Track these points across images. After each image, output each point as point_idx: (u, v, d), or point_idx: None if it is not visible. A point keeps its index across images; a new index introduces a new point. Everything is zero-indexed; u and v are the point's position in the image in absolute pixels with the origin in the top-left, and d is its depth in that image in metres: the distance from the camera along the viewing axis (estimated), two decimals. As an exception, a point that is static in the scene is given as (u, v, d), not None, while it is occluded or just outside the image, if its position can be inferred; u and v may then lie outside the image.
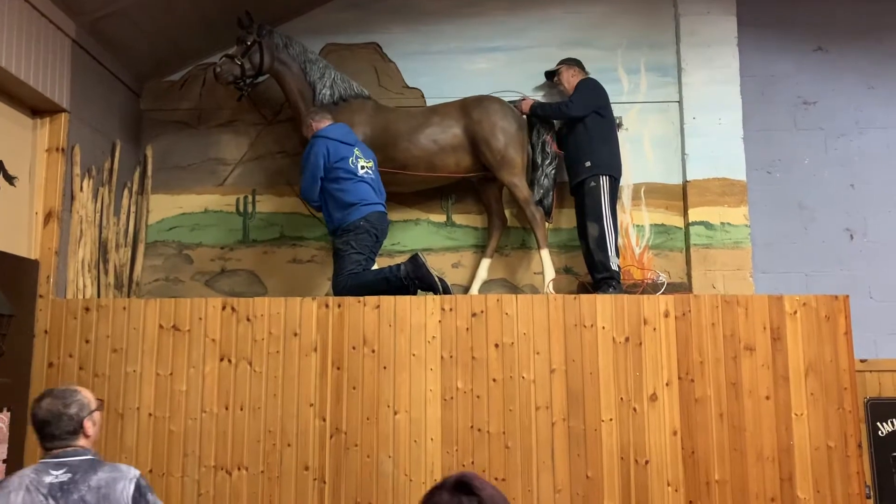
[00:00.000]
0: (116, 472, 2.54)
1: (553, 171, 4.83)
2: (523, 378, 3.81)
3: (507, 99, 4.87)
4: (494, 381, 3.81)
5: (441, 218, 5.06)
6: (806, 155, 5.18)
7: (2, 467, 3.62)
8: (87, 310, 3.93)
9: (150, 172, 5.03)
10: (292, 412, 3.78)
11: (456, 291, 4.55)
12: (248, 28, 4.65)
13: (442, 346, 3.84)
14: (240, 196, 5.08)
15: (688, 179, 4.95)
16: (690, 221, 4.90)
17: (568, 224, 4.92)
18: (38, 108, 4.13)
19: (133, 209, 4.88)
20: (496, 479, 3.71)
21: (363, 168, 4.29)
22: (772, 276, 4.99)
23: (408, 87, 5.17)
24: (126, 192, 4.85)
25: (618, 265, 4.51)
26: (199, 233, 5.04)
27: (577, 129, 4.70)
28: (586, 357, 3.82)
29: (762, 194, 5.09)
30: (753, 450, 3.73)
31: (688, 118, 5.01)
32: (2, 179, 3.87)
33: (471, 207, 5.06)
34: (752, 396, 3.77)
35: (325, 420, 3.78)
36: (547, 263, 4.62)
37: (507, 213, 4.96)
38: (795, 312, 3.86)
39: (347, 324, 3.87)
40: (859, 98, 5.23)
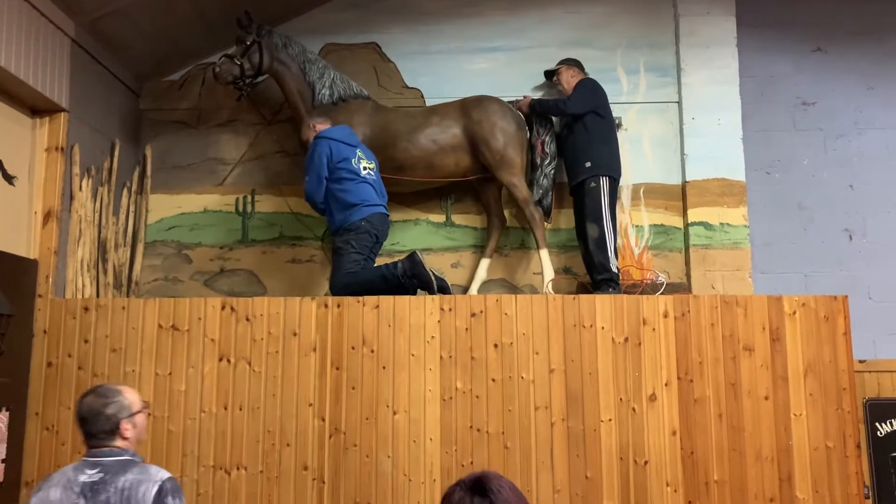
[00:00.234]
0: (144, 474, 2.51)
1: (552, 172, 4.83)
2: (522, 378, 3.81)
3: (506, 99, 4.87)
4: (494, 381, 3.81)
5: (440, 218, 5.06)
6: (805, 155, 5.19)
7: (1, 467, 3.62)
8: (87, 309, 3.93)
9: (149, 172, 5.03)
10: (291, 412, 3.78)
11: (455, 291, 4.55)
12: (248, 28, 4.65)
13: (441, 347, 3.84)
14: (239, 196, 5.08)
15: (687, 180, 4.95)
16: (690, 222, 4.90)
17: (567, 224, 4.92)
18: (37, 108, 4.13)
19: (132, 209, 4.88)
20: (495, 479, 3.70)
21: (365, 169, 4.29)
22: (771, 277, 5.00)
23: (407, 87, 5.17)
24: (125, 191, 4.85)
25: (617, 266, 4.51)
26: (198, 232, 5.04)
27: (576, 129, 4.70)
28: (585, 357, 3.83)
29: (761, 195, 5.09)
30: (752, 450, 3.73)
31: (687, 118, 5.02)
32: (1, 179, 3.87)
33: (470, 207, 5.06)
34: (752, 397, 3.78)
35: (324, 420, 3.78)
36: (546, 264, 4.62)
37: (506, 213, 4.96)
38: (794, 313, 3.87)
39: (347, 324, 3.87)
40: (858, 99, 5.23)
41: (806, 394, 3.78)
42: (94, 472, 2.52)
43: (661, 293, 4.23)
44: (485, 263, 4.84)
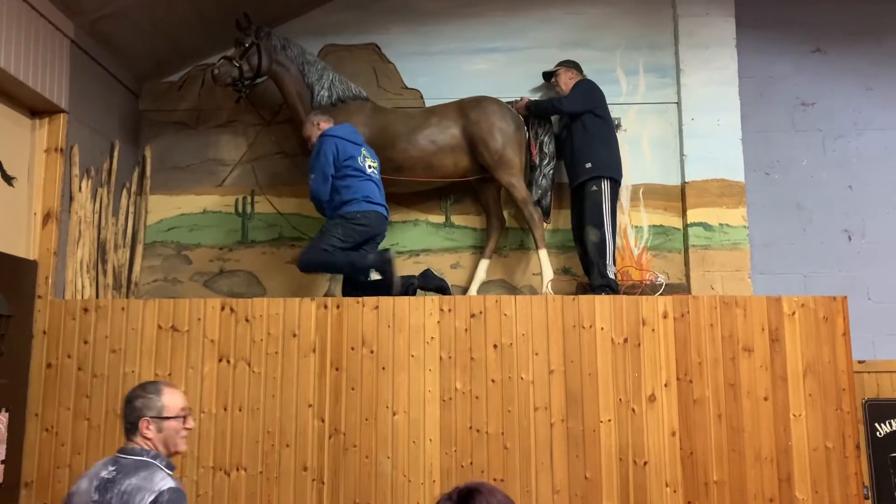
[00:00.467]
0: (148, 481, 2.42)
1: (551, 172, 4.83)
2: (522, 379, 3.81)
3: (505, 100, 4.87)
4: (493, 381, 3.81)
5: (440, 219, 5.07)
6: (804, 156, 5.19)
7: (0, 468, 3.62)
8: (86, 310, 3.93)
9: (148, 173, 5.03)
10: (291, 413, 3.79)
11: (455, 292, 4.55)
12: (247, 30, 4.65)
13: (441, 347, 3.85)
14: (238, 197, 5.08)
15: (686, 180, 4.96)
16: (689, 222, 4.90)
17: (566, 225, 4.92)
18: (36, 109, 4.13)
19: (132, 210, 4.88)
20: (494, 479, 3.71)
21: (370, 167, 4.33)
22: (770, 278, 5.00)
23: (407, 88, 5.17)
24: (125, 192, 4.85)
25: (615, 273, 4.51)
26: (197, 233, 5.04)
27: (575, 130, 4.70)
28: (585, 358, 3.83)
29: (761, 195, 5.10)
30: (752, 450, 3.73)
31: (686, 119, 5.02)
32: (0, 180, 3.87)
33: (469, 208, 5.07)
34: (751, 397, 3.78)
35: (323, 421, 3.78)
36: (545, 264, 4.62)
37: (505, 213, 4.96)
38: (794, 313, 3.87)
39: (346, 324, 3.87)
40: (857, 99, 5.24)
41: (805, 394, 3.79)
42: (113, 468, 2.48)
43: (661, 294, 4.23)
44: (484, 264, 4.84)
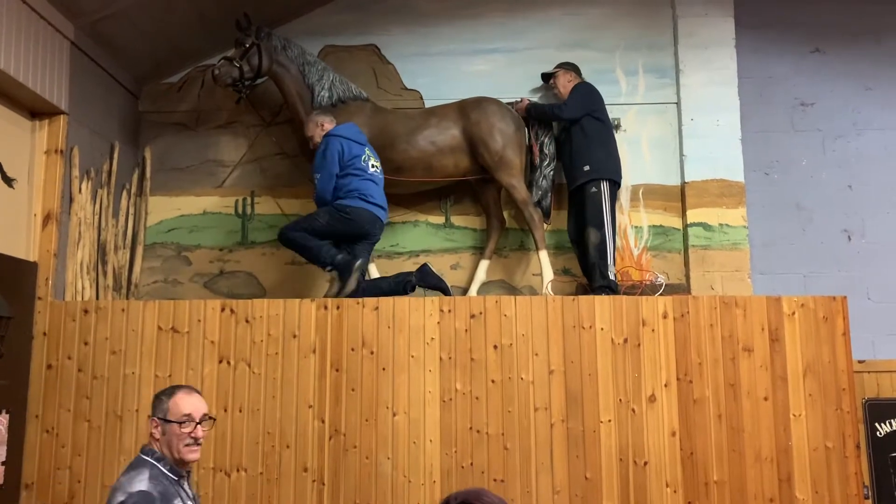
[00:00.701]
0: (128, 483, 2.43)
1: (551, 173, 4.84)
2: (522, 379, 3.82)
3: (504, 101, 4.88)
4: (493, 382, 3.81)
5: (440, 219, 5.07)
6: (804, 156, 5.19)
7: (0, 469, 3.62)
8: (86, 312, 3.93)
9: (148, 174, 5.03)
10: (291, 414, 3.79)
11: (455, 293, 4.55)
12: (247, 31, 4.65)
13: (441, 348, 3.85)
14: (238, 198, 5.08)
15: (686, 181, 4.96)
16: (689, 223, 4.91)
17: (566, 225, 4.92)
18: (36, 110, 4.14)
19: (132, 211, 4.88)
20: (495, 480, 3.71)
21: (373, 167, 4.36)
22: (770, 278, 5.00)
23: (406, 89, 5.17)
24: (125, 193, 4.85)
25: (615, 274, 4.51)
26: (197, 234, 5.04)
27: (573, 133, 4.70)
28: (585, 358, 3.83)
29: (760, 195, 5.10)
30: (752, 450, 3.74)
31: (686, 119, 5.02)
32: (1, 181, 3.87)
33: (469, 209, 5.07)
34: (751, 397, 3.78)
35: (323, 421, 3.78)
36: (545, 265, 4.62)
37: (505, 214, 4.96)
38: (793, 313, 3.87)
39: (346, 325, 3.87)
40: (857, 99, 5.24)
41: (805, 394, 3.79)
42: (127, 464, 2.56)
43: (661, 294, 4.23)
44: (484, 265, 4.84)
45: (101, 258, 4.51)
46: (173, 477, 2.53)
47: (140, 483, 2.42)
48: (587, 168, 4.59)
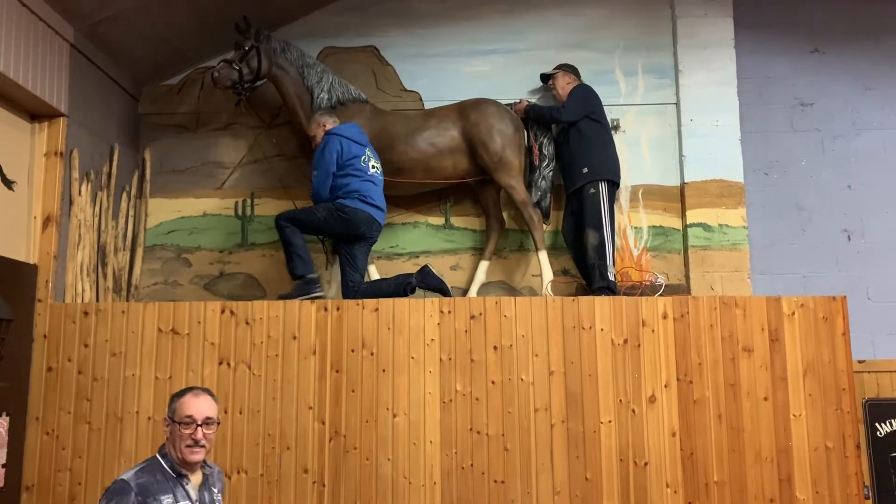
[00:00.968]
0: (125, 474, 2.55)
1: (550, 174, 4.84)
2: (522, 380, 3.82)
3: (504, 102, 4.88)
4: (493, 383, 3.82)
5: (439, 220, 5.07)
6: (803, 156, 5.19)
7: (1, 472, 3.62)
8: (86, 314, 3.93)
9: (148, 176, 5.03)
10: (291, 415, 3.79)
11: (454, 294, 4.55)
12: (246, 33, 4.67)
13: (441, 349, 3.85)
14: (238, 199, 5.09)
15: (685, 181, 4.96)
16: (688, 223, 4.91)
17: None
18: (36, 113, 4.14)
19: (132, 213, 4.89)
20: (495, 480, 3.71)
21: (373, 168, 4.35)
22: (770, 278, 5.00)
23: (406, 90, 5.18)
24: (124, 195, 4.85)
25: (614, 274, 4.51)
26: (197, 236, 5.04)
27: (572, 135, 4.71)
28: (585, 359, 3.83)
29: (760, 196, 5.10)
30: (752, 451, 3.74)
31: (685, 120, 5.02)
32: (0, 184, 3.88)
33: (469, 210, 5.07)
34: (751, 397, 3.78)
35: (324, 423, 3.78)
36: (545, 265, 4.63)
37: (505, 215, 4.96)
38: (793, 313, 3.87)
39: (346, 327, 3.87)
40: (856, 99, 5.24)
41: (805, 394, 3.79)
42: None
43: (660, 294, 4.23)
44: (484, 266, 4.84)
45: (101, 260, 4.52)
46: (173, 474, 2.56)
47: (127, 473, 2.53)
48: (585, 170, 4.59)
